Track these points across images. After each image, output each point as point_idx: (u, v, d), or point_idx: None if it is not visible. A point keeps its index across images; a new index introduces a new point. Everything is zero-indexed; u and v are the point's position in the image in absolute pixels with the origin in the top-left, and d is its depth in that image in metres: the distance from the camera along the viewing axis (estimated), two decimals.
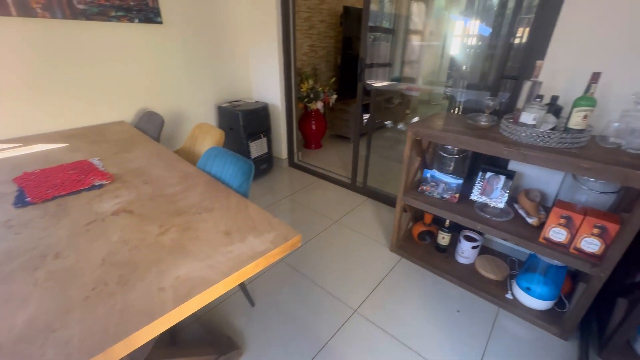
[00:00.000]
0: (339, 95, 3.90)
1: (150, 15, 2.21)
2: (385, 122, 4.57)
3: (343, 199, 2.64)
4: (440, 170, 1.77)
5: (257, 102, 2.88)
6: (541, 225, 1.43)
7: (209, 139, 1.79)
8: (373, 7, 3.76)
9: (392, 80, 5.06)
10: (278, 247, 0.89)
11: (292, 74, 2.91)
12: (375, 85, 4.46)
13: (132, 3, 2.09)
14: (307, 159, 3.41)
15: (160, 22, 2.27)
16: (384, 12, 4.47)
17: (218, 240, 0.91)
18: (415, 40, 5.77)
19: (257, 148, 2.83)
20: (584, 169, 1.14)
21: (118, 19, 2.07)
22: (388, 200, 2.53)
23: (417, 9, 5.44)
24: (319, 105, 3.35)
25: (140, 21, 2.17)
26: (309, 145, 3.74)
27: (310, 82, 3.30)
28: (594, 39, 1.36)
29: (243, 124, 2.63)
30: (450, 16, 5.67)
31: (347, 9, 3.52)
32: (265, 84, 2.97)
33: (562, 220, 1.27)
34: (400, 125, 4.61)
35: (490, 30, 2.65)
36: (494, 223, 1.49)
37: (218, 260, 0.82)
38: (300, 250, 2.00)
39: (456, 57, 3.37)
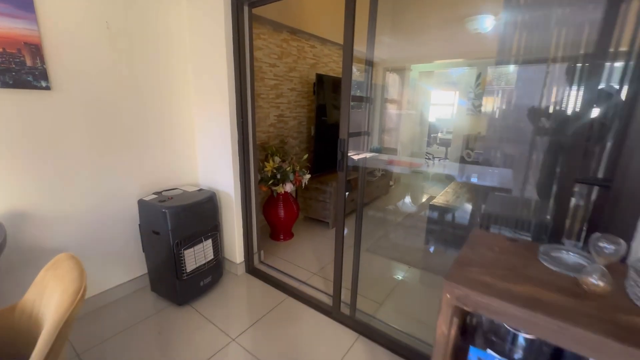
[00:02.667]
0: (314, 171, 3.24)
1: (27, 78, 1.47)
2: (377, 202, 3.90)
3: (323, 339, 1.73)
4: (498, 349, 0.97)
5: (200, 190, 2.09)
6: None
7: (59, 295, 0.92)
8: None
9: (372, 150, 4.58)
10: None
11: (251, 152, 2.21)
12: (356, 157, 3.91)
13: None
14: (273, 259, 2.55)
15: (47, 88, 1.54)
16: (364, 80, 4.13)
17: None
18: (393, 109, 5.54)
19: (195, 257, 1.95)
20: None
21: None
22: (389, 343, 1.66)
23: (392, 79, 5.28)
24: (288, 187, 2.62)
25: (7, 86, 1.43)
26: (276, 235, 2.90)
27: (277, 159, 2.62)
28: None
29: (172, 226, 1.79)
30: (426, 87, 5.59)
31: (320, 77, 3.07)
32: (215, 165, 2.23)
33: None
34: (391, 206, 3.95)
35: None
36: None
37: None
38: None
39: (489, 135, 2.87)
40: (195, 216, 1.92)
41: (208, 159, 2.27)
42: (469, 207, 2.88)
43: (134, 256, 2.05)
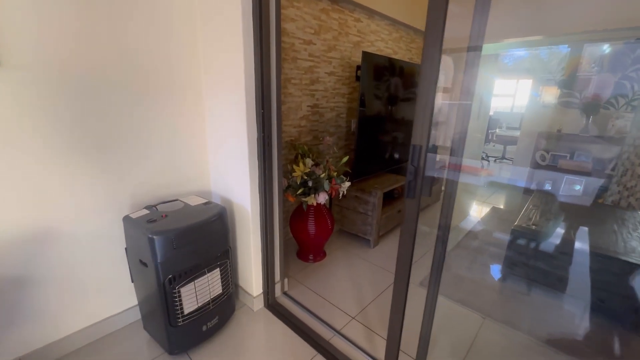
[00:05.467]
0: (355, 175, 2.63)
1: None
2: None
3: None
4: None
5: (207, 203, 1.59)
6: None
7: None
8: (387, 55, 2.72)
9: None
10: None
11: (275, 154, 1.66)
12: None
13: None
14: (300, 290, 2.00)
15: None
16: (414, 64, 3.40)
17: None
18: (445, 99, 4.71)
19: (197, 295, 1.45)
20: None
21: None
22: None
23: (446, 62, 4.44)
24: (322, 199, 2.05)
25: None
26: (304, 254, 2.36)
27: (308, 162, 2.05)
28: None
29: (162, 258, 1.30)
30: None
31: (368, 57, 2.41)
32: (228, 170, 1.72)
33: None
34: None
35: None
36: None
37: None
38: None
39: None
40: (197, 241, 1.41)
41: (220, 161, 1.76)
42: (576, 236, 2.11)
43: (124, 283, 1.61)
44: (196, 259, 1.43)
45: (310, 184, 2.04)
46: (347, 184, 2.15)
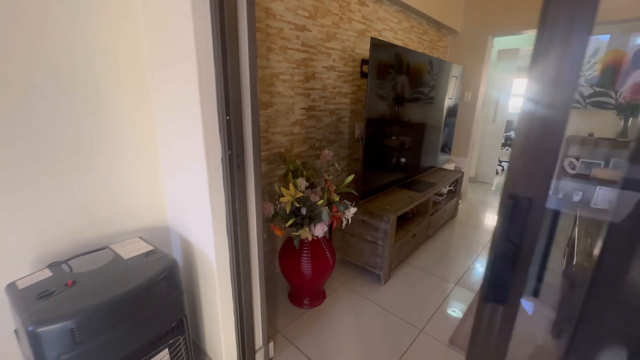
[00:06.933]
0: (362, 195, 2.13)
1: None
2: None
3: None
4: None
5: (150, 253, 1.08)
6: None
7: None
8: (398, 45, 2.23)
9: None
10: None
11: (252, 177, 1.16)
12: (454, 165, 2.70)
13: None
14: (290, 353, 1.50)
15: None
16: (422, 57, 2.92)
17: None
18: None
19: None
20: None
21: None
22: None
23: None
24: (319, 231, 1.55)
25: None
26: (298, 299, 1.85)
27: (301, 183, 1.54)
28: None
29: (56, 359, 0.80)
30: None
31: (378, 47, 1.90)
32: (187, 201, 1.22)
33: None
34: None
35: None
36: None
37: None
38: None
39: None
40: (125, 320, 0.91)
41: (176, 188, 1.26)
42: None
43: None
44: (125, 347, 0.93)
45: (303, 211, 1.54)
46: (353, 210, 1.64)
